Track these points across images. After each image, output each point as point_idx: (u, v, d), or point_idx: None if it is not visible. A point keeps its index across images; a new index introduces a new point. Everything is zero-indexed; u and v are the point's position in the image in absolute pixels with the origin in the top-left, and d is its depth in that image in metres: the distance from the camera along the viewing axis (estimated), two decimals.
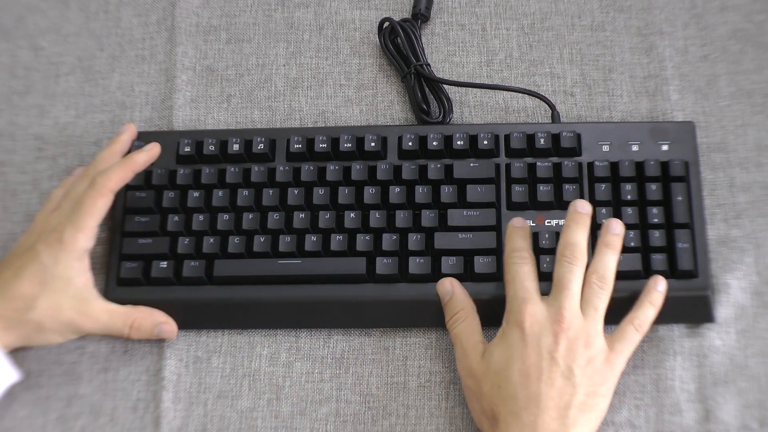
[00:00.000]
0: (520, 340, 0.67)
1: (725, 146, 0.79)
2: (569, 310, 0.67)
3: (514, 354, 0.67)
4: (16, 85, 0.86)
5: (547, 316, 0.67)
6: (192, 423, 0.74)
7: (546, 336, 0.66)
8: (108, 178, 0.73)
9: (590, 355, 0.67)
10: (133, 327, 0.73)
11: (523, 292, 0.69)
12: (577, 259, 0.69)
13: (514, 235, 0.72)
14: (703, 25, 0.84)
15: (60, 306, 0.71)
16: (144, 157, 0.75)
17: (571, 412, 0.65)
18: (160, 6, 0.89)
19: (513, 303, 0.69)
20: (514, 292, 0.69)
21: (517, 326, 0.67)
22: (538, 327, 0.67)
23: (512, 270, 0.70)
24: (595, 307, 0.68)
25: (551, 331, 0.66)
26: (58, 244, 0.71)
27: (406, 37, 0.83)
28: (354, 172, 0.77)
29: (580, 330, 0.67)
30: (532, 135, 0.77)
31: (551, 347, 0.66)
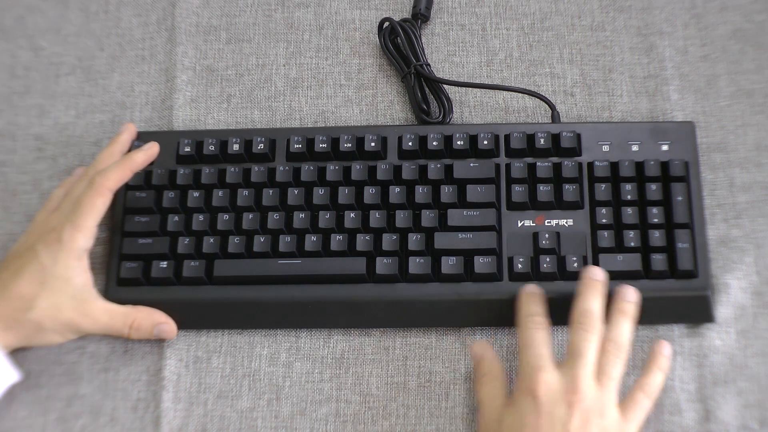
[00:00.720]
0: (533, 410, 0.65)
1: (725, 146, 0.79)
2: (584, 380, 0.66)
3: (527, 423, 0.65)
4: (16, 85, 0.86)
5: (562, 385, 0.66)
6: (192, 423, 0.74)
7: (559, 407, 0.65)
8: (106, 178, 0.73)
9: (604, 426, 0.65)
10: (133, 327, 0.73)
11: (536, 359, 0.67)
12: (593, 327, 0.68)
13: (528, 301, 0.71)
14: (703, 25, 0.84)
15: (59, 306, 0.71)
16: (143, 157, 0.75)
17: None
18: (160, 6, 0.89)
19: (526, 370, 0.67)
20: (527, 358, 0.68)
21: (530, 394, 0.66)
22: (551, 396, 0.65)
23: (526, 335, 0.69)
24: (610, 376, 0.67)
25: (565, 401, 0.65)
26: (57, 244, 0.71)
27: (406, 37, 0.83)
28: (354, 172, 0.77)
29: (594, 401, 0.66)
30: (532, 135, 0.77)
31: (565, 419, 0.64)
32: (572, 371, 0.66)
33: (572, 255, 0.73)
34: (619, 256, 0.73)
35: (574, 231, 0.75)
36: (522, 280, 0.74)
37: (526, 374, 0.67)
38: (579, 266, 0.73)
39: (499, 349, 0.74)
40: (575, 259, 0.73)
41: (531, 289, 0.72)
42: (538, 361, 0.67)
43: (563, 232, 0.75)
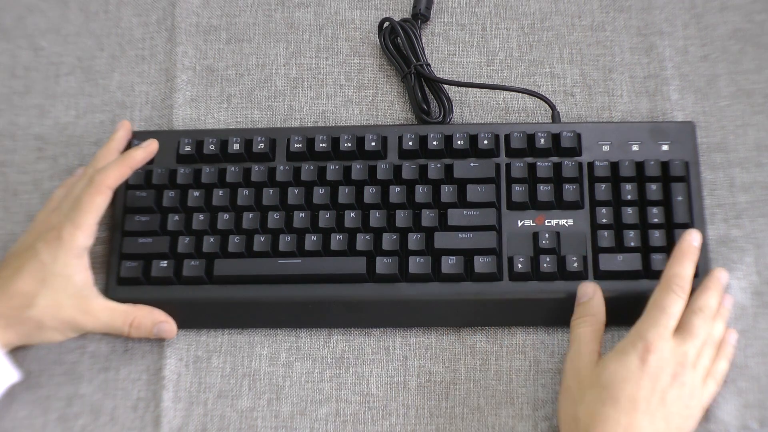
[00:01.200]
0: (639, 367, 0.66)
1: (725, 146, 0.79)
2: (694, 358, 0.68)
3: (630, 378, 0.66)
4: (16, 85, 0.86)
5: (673, 355, 0.67)
6: (192, 423, 0.74)
7: (665, 375, 0.66)
8: (106, 176, 0.73)
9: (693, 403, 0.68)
10: (133, 325, 0.73)
11: (661, 325, 0.68)
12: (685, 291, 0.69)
13: (682, 260, 0.70)
14: (703, 25, 0.84)
15: (59, 304, 0.71)
16: (141, 154, 0.75)
17: None
18: (160, 6, 0.89)
19: (648, 328, 0.68)
20: (654, 319, 0.68)
21: (643, 351, 0.67)
22: (661, 363, 0.66)
23: (667, 298, 0.69)
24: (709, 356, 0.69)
25: (672, 372, 0.66)
26: (57, 242, 0.71)
27: (406, 37, 0.83)
28: (354, 172, 0.77)
29: (695, 379, 0.68)
30: (532, 135, 0.77)
31: (665, 387, 0.66)
32: (685, 346, 0.67)
33: (572, 255, 0.73)
34: (619, 256, 0.73)
35: (574, 231, 0.75)
36: (522, 280, 0.74)
37: (646, 332, 0.67)
38: (579, 266, 0.73)
39: (499, 349, 0.74)
40: (575, 259, 0.73)
41: (692, 241, 0.71)
42: (660, 328, 0.67)
43: (563, 232, 0.75)
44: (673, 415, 0.66)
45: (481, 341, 0.75)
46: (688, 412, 0.67)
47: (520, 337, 0.75)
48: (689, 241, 0.70)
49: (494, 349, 0.75)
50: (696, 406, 0.68)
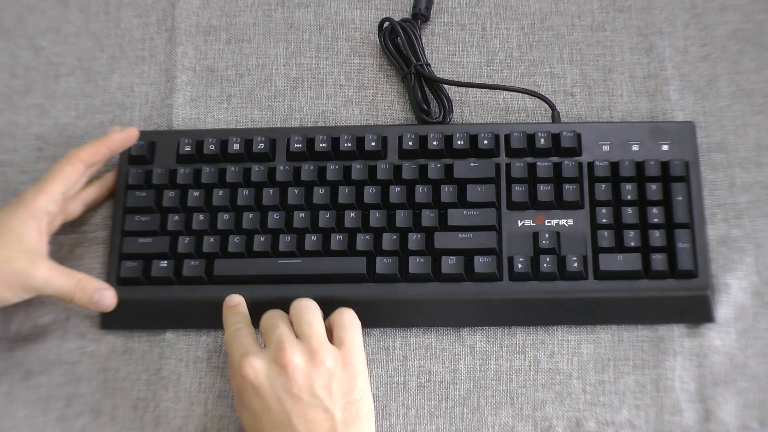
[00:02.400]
0: (254, 394, 0.65)
1: (725, 146, 0.79)
2: (286, 342, 0.66)
3: (258, 410, 0.65)
4: (16, 85, 0.86)
5: (268, 358, 0.66)
6: (192, 423, 0.74)
7: (275, 377, 0.65)
8: (80, 149, 0.74)
9: (327, 369, 0.66)
10: (78, 286, 0.72)
11: (240, 349, 0.67)
12: (277, 315, 0.70)
13: (228, 314, 0.72)
14: (703, 25, 0.84)
15: (10, 257, 0.70)
16: (120, 137, 0.76)
17: None
18: (160, 6, 0.89)
19: (233, 363, 0.67)
20: (232, 354, 0.68)
21: (245, 382, 0.65)
22: (264, 373, 0.65)
23: (228, 336, 0.69)
24: (308, 322, 0.68)
25: (278, 370, 0.65)
26: (17, 202, 0.72)
27: (406, 37, 0.83)
28: (354, 172, 0.77)
29: (304, 353, 0.66)
30: (532, 135, 0.77)
31: (285, 385, 0.65)
32: (272, 343, 0.66)
33: (572, 255, 0.73)
34: (619, 256, 0.73)
35: (574, 231, 0.75)
36: (522, 280, 0.74)
37: (235, 367, 0.67)
38: (579, 266, 0.73)
39: (499, 349, 0.75)
40: (575, 259, 0.73)
41: (231, 301, 0.73)
42: (241, 350, 0.67)
43: (563, 231, 0.75)
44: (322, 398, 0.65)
45: (481, 341, 0.75)
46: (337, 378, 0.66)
47: (520, 337, 0.75)
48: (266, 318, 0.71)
49: (494, 349, 0.75)
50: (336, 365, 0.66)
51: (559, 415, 0.72)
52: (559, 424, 0.72)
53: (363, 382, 0.67)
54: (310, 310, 0.69)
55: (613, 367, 0.73)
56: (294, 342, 0.67)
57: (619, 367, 0.73)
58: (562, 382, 0.73)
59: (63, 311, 0.77)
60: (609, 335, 0.74)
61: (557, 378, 0.73)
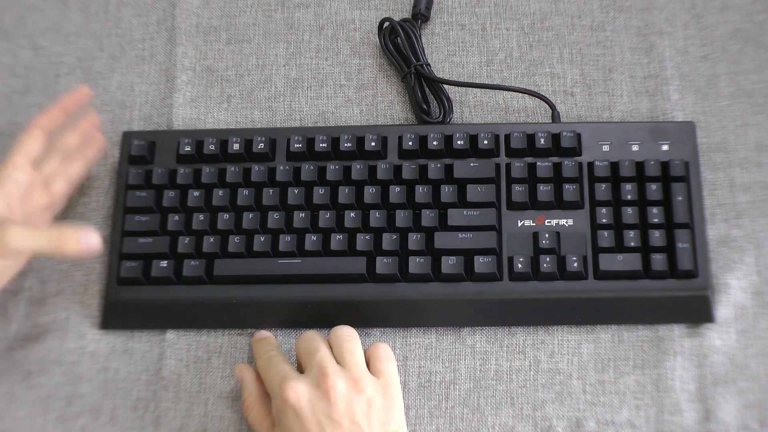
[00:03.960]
0: (294, 417, 0.65)
1: (725, 146, 0.79)
2: (329, 367, 0.66)
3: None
4: (16, 85, 0.86)
5: (310, 383, 0.66)
6: (192, 423, 0.74)
7: (317, 402, 0.65)
8: (36, 117, 0.74)
9: (367, 398, 0.66)
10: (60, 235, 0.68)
11: (278, 374, 0.68)
12: (315, 336, 0.70)
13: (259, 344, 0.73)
14: (703, 25, 0.84)
15: None
16: (73, 97, 0.76)
17: None
18: (160, 6, 0.89)
19: (273, 387, 0.68)
20: (271, 377, 0.68)
21: (287, 405, 0.65)
22: (306, 397, 0.65)
23: (263, 362, 0.70)
24: (350, 351, 0.68)
25: (320, 395, 0.65)
26: None
27: (406, 37, 0.83)
28: (354, 172, 0.77)
29: (346, 380, 0.66)
30: (532, 135, 0.77)
31: (327, 410, 0.65)
32: (314, 367, 0.67)
33: (572, 255, 0.73)
34: (619, 256, 0.73)
35: (574, 231, 0.75)
36: (522, 280, 0.74)
37: (275, 390, 0.67)
38: (579, 266, 0.73)
39: (499, 349, 0.75)
40: (575, 259, 0.73)
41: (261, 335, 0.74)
42: (281, 375, 0.67)
43: (563, 231, 0.75)
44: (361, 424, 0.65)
45: (481, 341, 0.75)
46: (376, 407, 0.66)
47: (520, 337, 0.75)
48: None
49: (494, 349, 0.75)
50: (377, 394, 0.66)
51: (559, 415, 0.72)
52: (559, 424, 0.72)
53: (399, 413, 0.68)
54: (352, 338, 0.69)
55: (613, 367, 0.73)
56: (336, 368, 0.67)
57: (619, 367, 0.73)
58: (562, 382, 0.73)
59: (63, 311, 0.77)
60: (609, 335, 0.74)
61: (557, 378, 0.73)
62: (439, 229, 0.75)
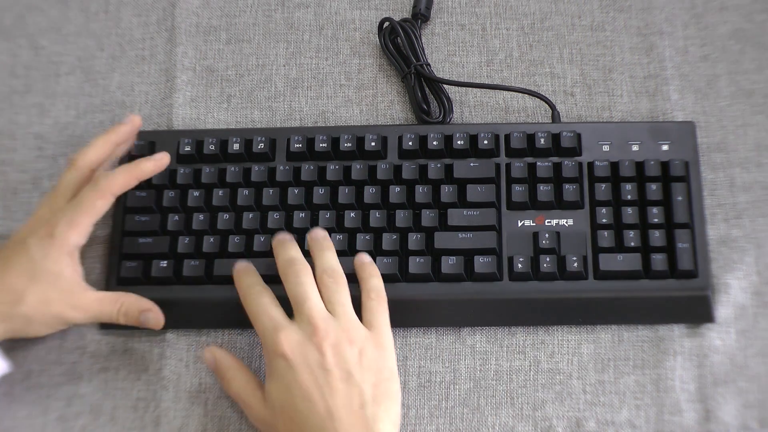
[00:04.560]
0: (287, 368, 0.66)
1: (725, 146, 0.79)
2: (319, 318, 0.67)
3: (290, 384, 0.66)
4: (16, 84, 0.86)
5: (302, 333, 0.67)
6: (192, 423, 0.74)
7: (310, 352, 0.66)
8: (112, 182, 0.73)
9: (359, 349, 0.67)
10: (121, 312, 0.72)
11: (270, 322, 0.68)
12: (301, 271, 0.70)
13: (242, 276, 0.72)
14: (703, 25, 0.84)
15: (48, 299, 0.70)
16: (151, 167, 0.75)
17: (368, 410, 0.65)
18: (160, 6, 0.89)
19: (266, 336, 0.68)
20: (263, 325, 0.68)
21: (279, 356, 0.66)
22: (299, 348, 0.66)
23: (253, 305, 0.70)
24: (340, 303, 0.69)
25: (312, 345, 0.66)
26: (49, 239, 0.71)
27: (406, 37, 0.83)
28: (354, 172, 0.77)
29: (338, 331, 0.67)
30: (532, 135, 0.77)
31: (319, 360, 0.65)
32: (305, 316, 0.67)
33: (572, 255, 0.73)
34: (619, 256, 0.73)
35: (574, 231, 0.75)
36: (522, 280, 0.74)
37: (267, 340, 0.68)
38: (579, 266, 0.73)
39: (499, 349, 0.75)
40: (575, 259, 0.73)
41: (240, 265, 0.73)
42: (272, 323, 0.68)
43: (563, 231, 0.75)
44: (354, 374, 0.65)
45: (481, 341, 0.75)
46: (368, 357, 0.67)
47: (520, 337, 0.75)
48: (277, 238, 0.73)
49: (494, 349, 0.75)
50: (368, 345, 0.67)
51: (559, 415, 0.72)
52: (559, 424, 0.72)
53: (392, 363, 0.68)
54: (341, 288, 0.70)
55: (613, 367, 0.73)
56: (327, 319, 0.67)
57: (619, 367, 0.73)
58: (562, 382, 0.73)
59: None
60: (609, 335, 0.74)
61: (557, 378, 0.73)
62: (439, 229, 0.75)
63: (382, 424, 0.65)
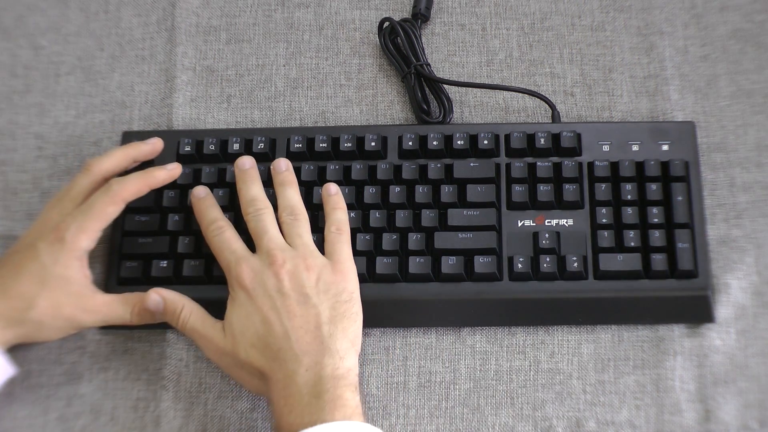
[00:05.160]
0: (247, 297, 0.69)
1: (725, 146, 0.79)
2: (277, 248, 0.70)
3: (250, 310, 0.68)
4: (16, 84, 0.86)
5: (261, 263, 0.69)
6: (192, 423, 0.74)
7: (268, 279, 0.68)
8: (124, 188, 0.73)
9: (317, 274, 0.69)
10: (134, 312, 0.72)
11: (233, 255, 0.71)
12: (262, 209, 0.72)
13: (203, 209, 0.74)
14: (703, 25, 0.84)
15: (59, 304, 0.71)
16: (164, 175, 0.76)
17: (324, 329, 0.67)
18: (160, 6, 0.89)
19: (229, 269, 0.70)
20: (226, 259, 0.71)
21: (239, 286, 0.69)
22: (258, 277, 0.69)
23: (216, 242, 0.72)
24: (298, 234, 0.71)
25: (271, 273, 0.68)
26: (59, 244, 0.71)
27: (406, 37, 0.83)
28: (354, 172, 0.77)
29: (295, 259, 0.69)
30: (532, 135, 0.77)
31: (277, 286, 0.68)
32: (263, 248, 0.70)
33: (572, 255, 0.73)
34: (619, 256, 0.73)
35: (574, 231, 0.75)
36: (522, 280, 0.74)
37: (230, 272, 0.70)
38: (579, 266, 0.73)
39: (499, 349, 0.74)
40: (575, 259, 0.73)
41: (201, 194, 0.75)
42: (235, 256, 0.70)
43: (563, 231, 0.75)
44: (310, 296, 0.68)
45: (481, 341, 0.75)
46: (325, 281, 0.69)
47: (520, 337, 0.75)
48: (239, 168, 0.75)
49: (494, 349, 0.75)
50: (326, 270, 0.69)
51: (559, 415, 0.72)
52: (559, 424, 0.72)
53: (353, 286, 0.70)
54: (300, 223, 0.72)
55: (613, 367, 0.73)
56: (284, 248, 0.70)
57: (619, 367, 0.73)
58: (562, 382, 0.73)
59: None
60: (609, 335, 0.74)
61: (557, 378, 0.73)
62: (439, 229, 0.75)
63: (339, 342, 0.67)
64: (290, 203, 0.73)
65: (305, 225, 0.72)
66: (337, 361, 0.66)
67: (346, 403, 0.64)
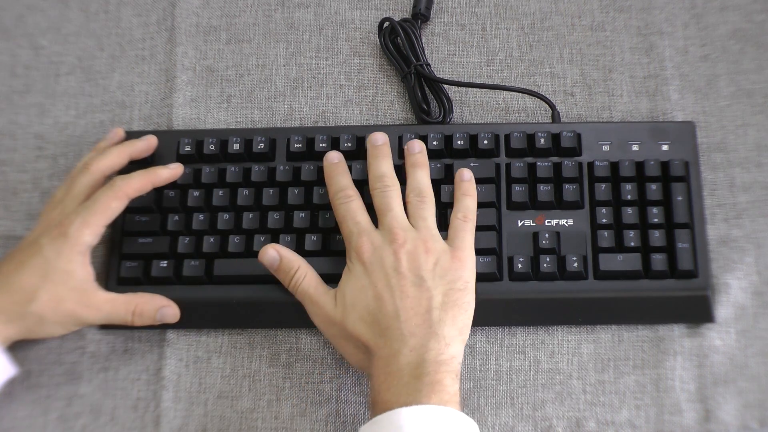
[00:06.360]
0: (364, 270, 0.69)
1: (725, 146, 0.79)
2: (399, 227, 0.70)
3: (364, 284, 0.68)
4: (16, 84, 0.86)
5: (383, 239, 0.69)
6: (192, 423, 0.74)
7: (387, 257, 0.68)
8: (128, 184, 0.73)
9: (435, 258, 0.69)
10: (136, 313, 0.73)
11: (356, 227, 0.71)
12: (389, 186, 0.72)
13: (334, 175, 0.74)
14: (703, 25, 0.84)
15: (61, 298, 0.71)
16: (167, 174, 0.76)
17: (434, 314, 0.67)
18: (160, 6, 0.89)
19: (350, 240, 0.71)
20: (348, 230, 0.71)
21: (358, 259, 0.69)
22: (377, 252, 0.69)
23: (341, 210, 0.72)
24: (422, 217, 0.71)
25: (390, 251, 0.68)
26: (62, 239, 0.71)
27: (406, 37, 0.83)
28: (354, 172, 0.77)
29: (416, 240, 0.69)
30: (532, 135, 0.77)
31: (394, 264, 0.68)
32: (386, 224, 0.70)
33: (572, 255, 0.73)
34: (619, 256, 0.73)
35: (574, 231, 0.75)
36: (522, 280, 0.74)
37: (351, 244, 0.71)
38: (579, 266, 0.73)
39: (499, 349, 0.74)
40: (575, 259, 0.73)
41: (334, 159, 0.75)
42: (357, 228, 0.71)
43: (563, 231, 0.75)
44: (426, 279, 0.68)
45: (481, 341, 0.75)
46: (442, 266, 0.68)
47: (520, 337, 0.75)
48: (372, 144, 0.75)
49: (494, 349, 0.75)
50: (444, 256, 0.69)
51: (559, 415, 0.72)
52: (559, 424, 0.72)
53: (469, 276, 0.70)
54: (426, 206, 0.72)
55: (613, 367, 0.73)
56: (407, 228, 0.70)
57: (619, 367, 0.73)
58: (562, 382, 0.73)
59: None
60: (609, 335, 0.74)
61: (557, 378, 0.73)
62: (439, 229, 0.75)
63: (447, 328, 0.66)
64: (419, 185, 0.73)
65: (431, 209, 0.72)
66: (442, 346, 0.66)
67: (444, 388, 0.64)
